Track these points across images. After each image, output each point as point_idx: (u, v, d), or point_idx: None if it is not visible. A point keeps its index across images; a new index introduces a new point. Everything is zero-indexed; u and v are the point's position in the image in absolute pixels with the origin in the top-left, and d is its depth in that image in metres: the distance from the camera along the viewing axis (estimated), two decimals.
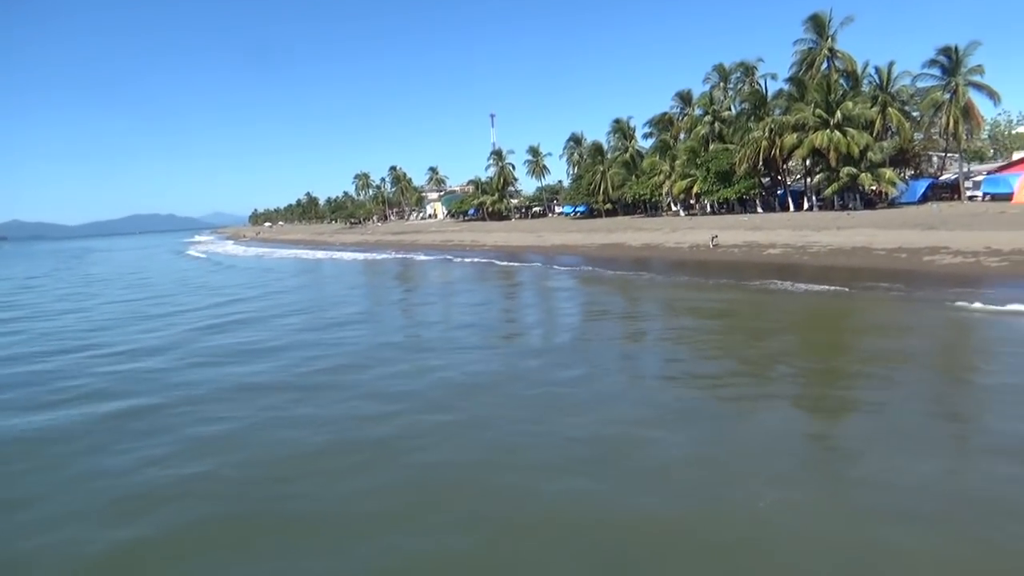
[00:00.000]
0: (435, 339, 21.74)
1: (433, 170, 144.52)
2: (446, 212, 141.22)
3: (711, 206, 69.68)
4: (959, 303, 21.09)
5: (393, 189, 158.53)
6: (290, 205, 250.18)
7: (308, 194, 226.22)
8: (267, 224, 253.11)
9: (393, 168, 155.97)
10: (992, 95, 50.93)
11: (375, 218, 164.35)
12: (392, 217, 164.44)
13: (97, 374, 18.52)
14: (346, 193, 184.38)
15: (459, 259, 56.32)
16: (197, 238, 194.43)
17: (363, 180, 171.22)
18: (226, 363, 19.18)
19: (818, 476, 9.81)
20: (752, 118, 59.76)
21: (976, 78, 50.18)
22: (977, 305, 20.55)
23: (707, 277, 33.22)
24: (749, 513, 8.51)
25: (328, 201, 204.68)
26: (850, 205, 55.08)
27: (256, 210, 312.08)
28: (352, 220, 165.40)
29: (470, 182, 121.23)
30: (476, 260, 53.94)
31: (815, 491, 9.14)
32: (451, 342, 20.83)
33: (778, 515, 8.46)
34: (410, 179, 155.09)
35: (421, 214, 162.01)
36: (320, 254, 77.97)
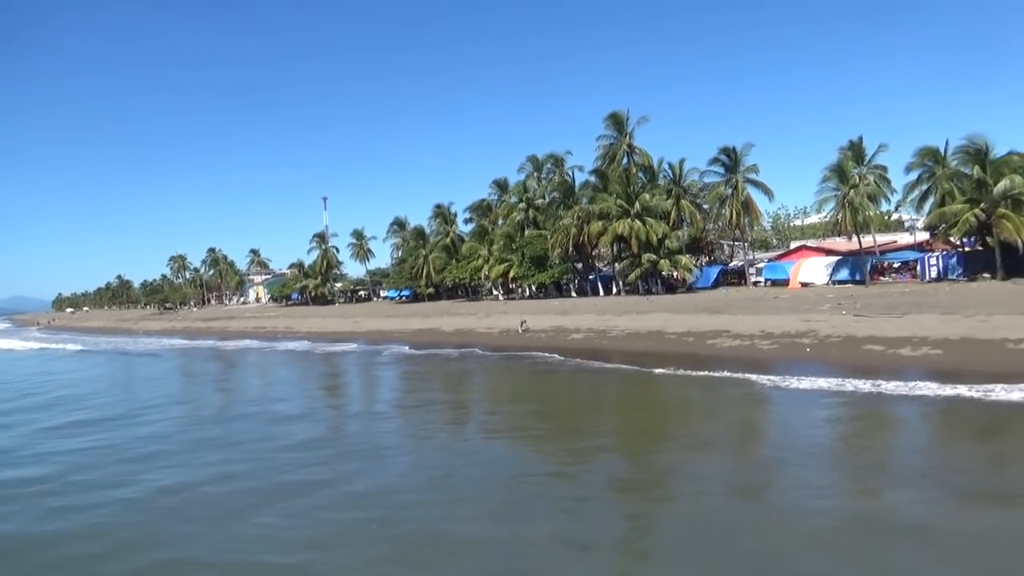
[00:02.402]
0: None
1: (254, 252, 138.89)
2: (269, 296, 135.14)
3: (529, 290, 71.14)
4: (716, 374, 21.81)
5: (212, 272, 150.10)
6: (100, 289, 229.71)
7: (120, 277, 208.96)
8: (69, 310, 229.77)
9: (212, 250, 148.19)
10: (766, 191, 56.53)
11: (192, 303, 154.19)
12: (213, 302, 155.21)
13: None
14: (164, 276, 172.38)
15: (268, 346, 53.89)
16: None
17: (179, 262, 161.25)
18: None
19: None
20: (562, 206, 62.30)
21: (752, 176, 55.59)
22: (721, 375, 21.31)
23: (504, 361, 32.90)
24: None
25: (144, 285, 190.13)
26: (653, 290, 58.06)
27: (61, 294, 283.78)
28: (167, 305, 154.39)
29: (292, 265, 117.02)
30: (283, 347, 51.82)
31: None
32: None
33: None
34: (232, 262, 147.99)
35: (243, 298, 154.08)
36: (108, 343, 70.63)
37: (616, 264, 63.51)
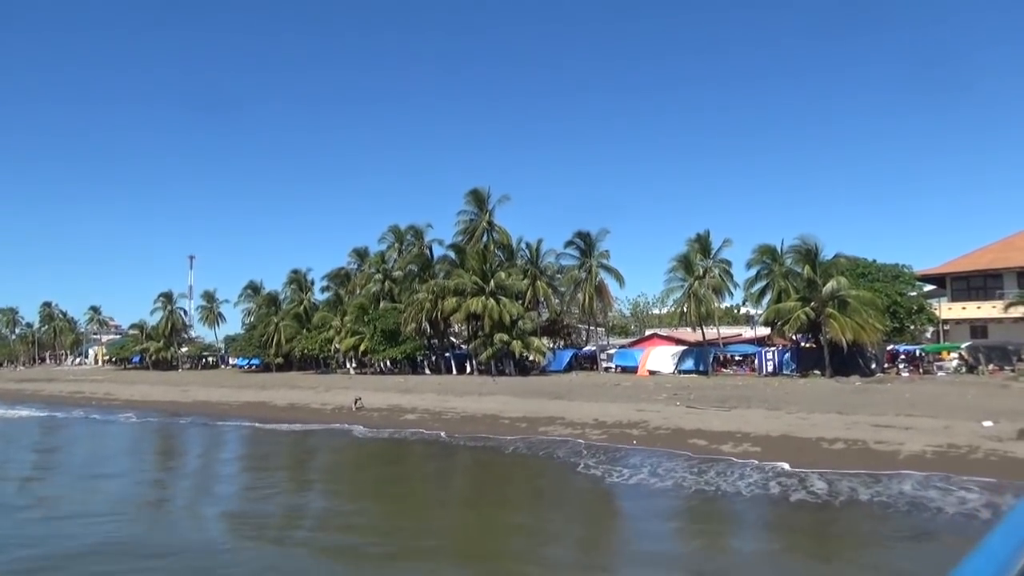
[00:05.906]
0: None
1: (94, 309, 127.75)
2: (107, 358, 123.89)
3: (383, 365, 67.98)
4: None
5: (45, 329, 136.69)
6: None
7: None
8: None
9: (47, 304, 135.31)
10: (618, 278, 57.10)
11: (22, 361, 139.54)
12: (48, 361, 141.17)
13: None
14: None
15: (69, 414, 48.16)
16: None
17: (9, 316, 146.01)
18: None
19: None
20: (418, 280, 60.51)
21: (605, 261, 55.98)
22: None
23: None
24: None
25: None
26: (507, 371, 56.52)
27: None
28: None
29: (133, 326, 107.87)
30: (92, 416, 47.06)
31: None
32: None
33: None
34: (71, 319, 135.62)
35: (80, 359, 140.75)
36: None
37: (471, 342, 61.88)
